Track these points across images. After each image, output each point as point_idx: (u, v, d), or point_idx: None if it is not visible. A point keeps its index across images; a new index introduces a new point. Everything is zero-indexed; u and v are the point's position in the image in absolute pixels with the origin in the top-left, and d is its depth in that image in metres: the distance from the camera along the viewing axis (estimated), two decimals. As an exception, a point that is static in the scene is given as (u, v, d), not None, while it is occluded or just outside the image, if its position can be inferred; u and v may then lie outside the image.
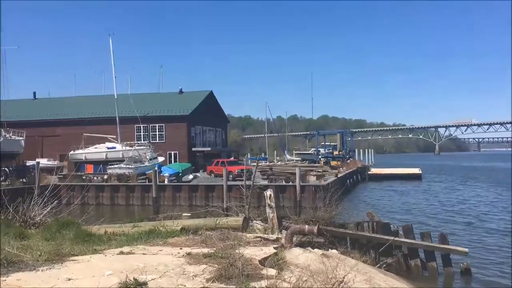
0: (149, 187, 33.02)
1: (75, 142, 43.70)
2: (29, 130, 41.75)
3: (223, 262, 6.61)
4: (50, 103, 58.13)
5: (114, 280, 6.00)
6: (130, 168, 37.75)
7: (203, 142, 54.97)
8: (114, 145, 43.69)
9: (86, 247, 8.87)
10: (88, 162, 43.46)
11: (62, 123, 51.58)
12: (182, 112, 50.73)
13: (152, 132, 50.78)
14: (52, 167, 40.12)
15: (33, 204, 13.32)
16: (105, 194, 34.88)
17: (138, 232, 10.14)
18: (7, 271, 6.84)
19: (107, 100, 49.51)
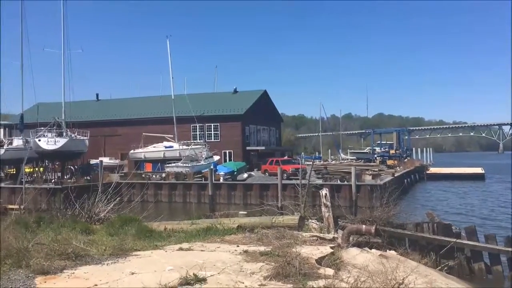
0: (205, 185, 33.66)
1: (135, 141, 45.30)
2: (92, 130, 43.64)
3: (280, 260, 6.65)
4: (112, 104, 60.58)
5: (174, 275, 6.20)
6: (187, 166, 38.63)
7: (257, 141, 55.31)
8: (171, 144, 44.86)
9: (148, 243, 9.20)
10: (147, 161, 44.91)
11: (123, 123, 53.60)
12: (236, 111, 51.31)
13: (207, 132, 51.70)
14: (113, 166, 41.92)
15: (97, 201, 13.98)
16: (163, 192, 35.91)
17: (196, 229, 10.39)
18: (75, 264, 7.24)
19: (165, 100, 50.91)
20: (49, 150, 35.36)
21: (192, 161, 40.25)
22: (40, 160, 39.72)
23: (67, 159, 39.04)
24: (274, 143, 61.38)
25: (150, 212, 14.60)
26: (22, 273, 6.65)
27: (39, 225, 11.34)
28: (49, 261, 7.06)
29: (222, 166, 40.74)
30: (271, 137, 60.90)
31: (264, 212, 14.28)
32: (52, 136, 36.09)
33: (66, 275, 6.55)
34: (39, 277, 6.39)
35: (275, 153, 54.28)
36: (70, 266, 7.06)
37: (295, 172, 35.89)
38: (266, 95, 60.23)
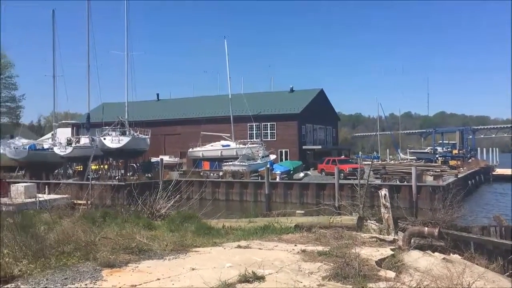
0: (262, 184, 33.84)
1: (193, 140, 46.35)
2: (153, 129, 45.15)
3: (339, 261, 6.57)
4: (172, 104, 62.31)
5: (234, 272, 6.28)
6: (243, 165, 39.04)
7: (314, 140, 54.93)
8: (228, 143, 45.50)
9: (207, 240, 9.39)
10: (205, 159, 45.86)
11: (182, 122, 55.00)
12: (292, 110, 51.21)
13: (264, 131, 51.96)
14: (173, 164, 43.18)
15: (158, 198, 14.44)
16: (221, 190, 36.49)
17: (254, 227, 10.46)
18: (139, 259, 7.51)
19: (222, 100, 51.69)
20: (113, 148, 36.97)
21: (249, 160, 40.61)
22: (105, 158, 41.59)
23: (130, 157, 40.65)
24: (330, 142, 60.71)
25: (208, 209, 14.90)
26: (90, 265, 6.99)
27: (104, 220, 11.87)
28: (115, 255, 7.38)
29: (278, 165, 40.82)
30: (327, 136, 60.27)
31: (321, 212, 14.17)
32: (116, 134, 37.70)
33: (130, 268, 6.82)
34: (105, 270, 6.69)
35: (332, 152, 53.66)
36: (134, 260, 7.33)
37: (352, 171, 35.36)
38: (323, 93, 59.66)
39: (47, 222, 10.81)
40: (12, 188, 22.14)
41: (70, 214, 12.28)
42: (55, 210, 12.71)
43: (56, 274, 6.49)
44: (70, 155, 39.78)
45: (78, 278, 6.32)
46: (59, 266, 6.90)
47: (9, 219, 11.27)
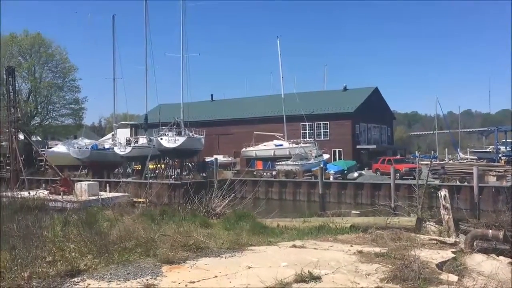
0: (315, 183, 33.63)
1: (246, 140, 46.76)
2: (207, 129, 45.97)
3: (397, 263, 6.43)
4: (225, 104, 63.16)
5: (289, 271, 6.30)
6: (297, 165, 38.95)
7: (368, 140, 53.89)
8: (281, 143, 45.53)
9: (262, 239, 9.46)
10: (258, 159, 46.16)
11: (235, 122, 55.61)
12: (346, 109, 50.48)
13: (317, 130, 51.56)
14: (227, 163, 43.77)
15: (214, 197, 14.71)
16: (274, 189, 36.57)
17: (308, 227, 10.44)
18: (196, 256, 7.69)
19: (275, 99, 51.78)
20: (170, 148, 38.02)
21: (302, 159, 40.47)
22: (162, 157, 42.82)
23: (185, 157, 41.65)
24: (385, 142, 59.31)
25: (262, 209, 14.99)
26: (150, 261, 7.23)
27: (162, 218, 12.24)
28: (174, 252, 7.60)
29: (332, 164, 40.41)
30: (382, 135, 58.93)
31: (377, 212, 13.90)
32: (172, 135, 38.79)
33: (188, 265, 6.99)
34: (165, 266, 6.90)
35: (387, 151, 52.39)
36: (192, 257, 7.51)
37: (409, 171, 34.41)
38: (377, 92, 58.37)
39: (109, 219, 11.30)
40: (76, 186, 23.27)
41: (130, 211, 12.75)
42: (117, 207, 13.24)
43: (119, 269, 6.77)
44: (129, 154, 41.29)
45: (140, 273, 6.56)
46: (122, 262, 7.19)
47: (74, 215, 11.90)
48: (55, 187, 24.75)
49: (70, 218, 11.23)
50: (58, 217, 12.02)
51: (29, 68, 47.37)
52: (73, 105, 51.97)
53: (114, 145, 45.58)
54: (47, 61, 49.09)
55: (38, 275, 6.29)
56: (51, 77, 49.61)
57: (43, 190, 24.81)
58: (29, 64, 47.41)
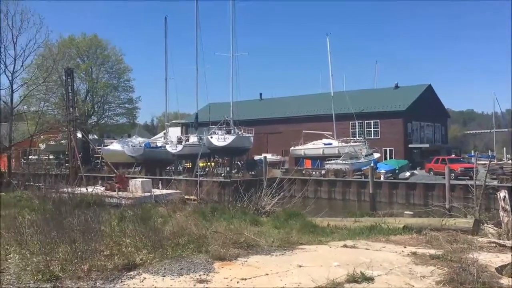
0: (365, 183, 33.06)
1: (295, 139, 46.63)
2: (256, 128, 46.21)
3: (454, 265, 6.22)
4: (274, 103, 63.21)
5: (341, 271, 6.24)
6: (346, 164, 38.43)
7: (420, 138, 52.31)
8: (330, 141, 45.08)
9: (312, 238, 9.42)
10: (307, 158, 45.88)
11: (283, 121, 55.57)
12: (397, 107, 49.22)
13: (367, 129, 50.62)
14: (275, 162, 43.83)
15: (263, 195, 14.79)
16: (323, 188, 36.26)
17: (359, 227, 10.29)
18: (247, 253, 7.77)
19: (324, 98, 51.30)
20: (220, 146, 38.55)
21: (352, 158, 39.89)
22: (212, 156, 43.47)
23: (235, 155, 42.07)
24: (439, 141, 57.34)
25: (311, 208, 14.92)
26: (203, 257, 7.38)
27: (213, 215, 12.45)
28: (225, 249, 7.71)
29: (383, 163, 39.58)
30: (435, 134, 57.02)
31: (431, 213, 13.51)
32: (222, 133, 39.28)
33: (240, 262, 7.08)
34: (217, 262, 7.02)
35: (440, 151, 50.63)
36: (243, 255, 7.59)
37: (464, 171, 33.18)
38: (431, 89, 56.51)
39: (162, 215, 11.63)
40: (130, 183, 24.01)
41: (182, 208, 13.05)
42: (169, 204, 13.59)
43: (172, 264, 6.96)
44: (180, 152, 42.21)
45: (193, 269, 6.71)
46: (175, 257, 7.38)
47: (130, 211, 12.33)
48: (110, 183, 25.65)
49: (125, 214, 11.65)
50: (114, 212, 12.52)
51: (86, 69, 49.43)
52: (127, 104, 53.79)
53: (166, 143, 46.72)
54: (103, 62, 51.05)
55: (97, 268, 6.56)
56: (107, 78, 51.55)
57: (99, 187, 25.81)
58: (87, 65, 49.46)
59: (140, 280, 6.14)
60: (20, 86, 30.84)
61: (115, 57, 51.99)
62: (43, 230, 8.49)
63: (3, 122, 34.44)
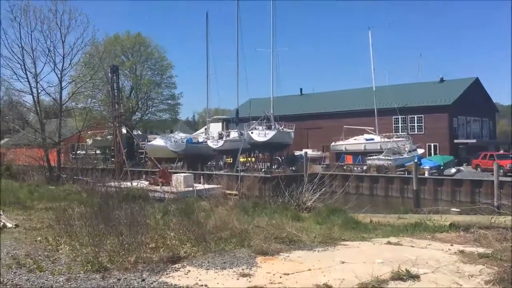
0: (409, 179, 32.35)
1: (336, 134, 46.12)
2: (297, 123, 46.03)
3: (505, 265, 6.01)
4: (314, 98, 62.73)
5: (385, 268, 6.15)
6: (389, 159, 37.72)
7: (467, 133, 50.57)
8: (372, 137, 44.34)
9: (354, 234, 9.33)
10: (348, 153, 45.32)
11: (324, 116, 55.06)
12: (443, 102, 47.76)
13: (410, 123, 49.40)
14: (316, 157, 43.54)
15: (304, 191, 14.75)
16: (365, 184, 35.75)
17: (404, 224, 10.10)
18: (289, 248, 7.78)
19: (365, 92, 50.44)
20: (260, 141, 38.67)
21: (394, 154, 39.09)
22: (252, 151, 43.68)
23: (275, 150, 42.10)
24: (487, 136, 55.25)
25: (353, 204, 14.75)
26: (245, 252, 7.45)
27: (254, 210, 12.54)
28: (267, 243, 7.76)
29: (427, 159, 38.60)
30: (483, 129, 54.95)
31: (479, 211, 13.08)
32: (262, 129, 39.39)
33: (282, 257, 7.10)
34: (259, 257, 7.07)
35: (488, 146, 48.76)
36: (285, 250, 7.62)
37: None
38: (478, 83, 54.49)
39: (204, 209, 11.81)
40: (173, 178, 24.50)
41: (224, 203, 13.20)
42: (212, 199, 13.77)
43: (216, 258, 7.06)
44: (221, 148, 42.64)
45: (235, 263, 6.79)
46: (218, 251, 7.50)
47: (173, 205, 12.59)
48: (154, 178, 26.28)
49: (169, 208, 11.92)
50: (158, 206, 12.83)
51: (131, 66, 50.69)
52: (170, 100, 54.84)
53: (207, 138, 47.32)
54: (147, 59, 52.21)
55: (143, 259, 6.75)
56: (150, 75, 52.71)
57: (143, 181, 26.47)
58: (131, 62, 50.72)
59: (185, 273, 6.27)
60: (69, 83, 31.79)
61: (158, 54, 53.04)
62: (91, 223, 8.82)
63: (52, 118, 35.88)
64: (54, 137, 30.63)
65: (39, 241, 8.65)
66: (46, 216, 11.53)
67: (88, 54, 35.27)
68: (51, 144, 30.23)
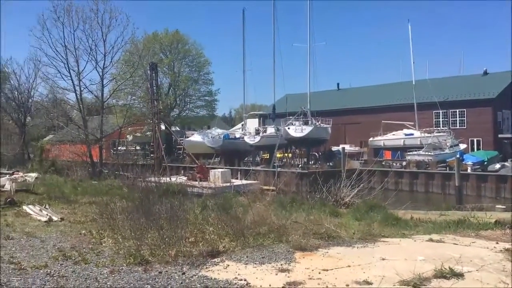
0: (450, 175, 31.49)
1: (374, 129, 45.34)
2: (334, 119, 45.54)
3: (555, 264, 5.77)
4: (351, 93, 61.87)
5: (428, 266, 6.02)
6: (429, 155, 36.80)
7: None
8: (412, 132, 43.36)
9: (394, 230, 9.17)
10: (387, 149, 44.48)
11: (362, 111, 54.20)
12: (486, 95, 46.07)
13: (452, 118, 47.95)
14: (354, 153, 43.01)
15: (342, 187, 14.60)
16: (404, 180, 35.01)
17: (446, 221, 9.85)
18: (328, 244, 7.74)
19: (404, 86, 49.32)
20: (297, 137, 38.52)
21: (435, 149, 38.08)
22: (289, 147, 43.57)
23: (312, 146, 41.85)
24: (534, 130, 52.98)
25: (392, 200, 14.50)
26: (283, 247, 7.45)
27: (292, 205, 12.53)
28: (306, 239, 7.74)
29: (469, 155, 37.43)
30: (530, 123, 52.73)
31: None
32: (299, 124, 39.20)
33: (321, 253, 7.06)
34: (297, 253, 7.06)
35: (536, 141, 46.78)
36: (323, 246, 7.57)
37: None
38: (525, 75, 52.27)
39: (242, 204, 11.89)
40: (210, 173, 24.76)
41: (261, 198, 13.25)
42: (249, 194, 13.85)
43: (254, 253, 7.10)
44: (258, 143, 42.74)
45: (274, 258, 6.80)
46: (256, 246, 7.53)
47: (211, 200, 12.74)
48: (192, 173, 26.64)
49: (207, 203, 12.06)
50: (196, 201, 13.01)
51: (169, 63, 51.43)
52: (207, 97, 55.32)
53: (244, 134, 47.50)
54: (185, 56, 52.83)
55: (183, 253, 6.87)
56: (188, 71, 53.30)
57: (182, 176, 26.89)
58: (169, 60, 51.46)
59: (224, 267, 6.34)
60: (110, 81, 32.67)
61: (195, 51, 53.58)
62: (133, 217, 9.04)
63: (94, 115, 36.93)
64: (96, 133, 31.51)
65: (83, 234, 8.94)
66: (89, 210, 11.90)
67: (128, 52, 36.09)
68: (94, 140, 31.13)
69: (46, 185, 17.60)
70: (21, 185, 16.47)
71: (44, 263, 6.61)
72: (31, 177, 17.44)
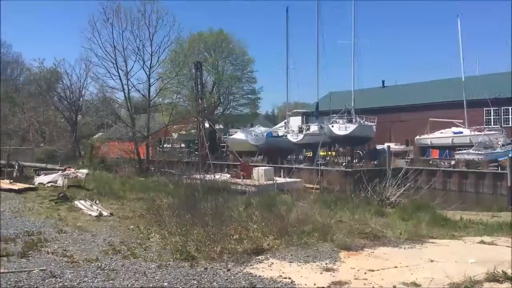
0: (503, 175, 30.19)
1: (420, 127, 44.09)
2: (378, 116, 44.62)
3: None
4: (397, 90, 60.45)
5: (479, 269, 5.81)
6: (479, 154, 35.44)
7: None
8: (461, 130, 41.88)
9: (443, 232, 8.91)
10: (434, 147, 43.21)
11: (407, 108, 52.85)
12: (542, 91, 43.88)
13: (504, 116, 45.99)
14: (399, 151, 42.02)
15: (388, 186, 14.33)
16: (452, 179, 33.86)
17: (498, 223, 9.50)
18: (374, 244, 7.61)
19: (453, 83, 47.68)
20: (341, 135, 38.04)
21: (486, 148, 36.62)
22: (332, 145, 43.10)
23: (356, 144, 41.22)
24: None
25: (440, 200, 14.10)
26: (328, 246, 7.40)
27: (336, 204, 12.39)
28: (351, 238, 7.65)
29: (524, 154, 35.72)
30: None
31: None
32: (343, 122, 38.71)
33: (366, 253, 6.97)
34: (342, 252, 6.99)
35: None
36: (369, 245, 7.46)
37: None
38: None
39: (286, 202, 11.88)
40: (254, 171, 24.85)
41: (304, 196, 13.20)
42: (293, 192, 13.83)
43: (298, 251, 7.09)
44: (301, 141, 42.52)
45: (318, 256, 6.77)
46: (301, 244, 7.51)
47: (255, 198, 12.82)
48: (236, 171, 26.83)
49: (251, 200, 12.14)
50: (240, 199, 13.11)
51: (213, 62, 52.00)
52: (250, 95, 55.56)
53: (287, 132, 47.37)
54: (228, 55, 53.26)
55: (228, 250, 6.94)
56: (231, 70, 53.72)
57: (225, 174, 27.14)
58: (213, 58, 52.03)
59: (268, 265, 6.36)
60: (156, 80, 33.45)
61: (239, 50, 53.89)
62: (179, 213, 9.22)
63: (141, 113, 37.89)
64: (143, 131, 32.33)
65: (132, 229, 9.19)
66: (137, 206, 12.21)
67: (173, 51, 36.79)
68: (141, 138, 31.95)
69: (96, 181, 18.19)
70: (73, 181, 17.12)
71: (95, 257, 6.84)
72: (82, 173, 18.06)
